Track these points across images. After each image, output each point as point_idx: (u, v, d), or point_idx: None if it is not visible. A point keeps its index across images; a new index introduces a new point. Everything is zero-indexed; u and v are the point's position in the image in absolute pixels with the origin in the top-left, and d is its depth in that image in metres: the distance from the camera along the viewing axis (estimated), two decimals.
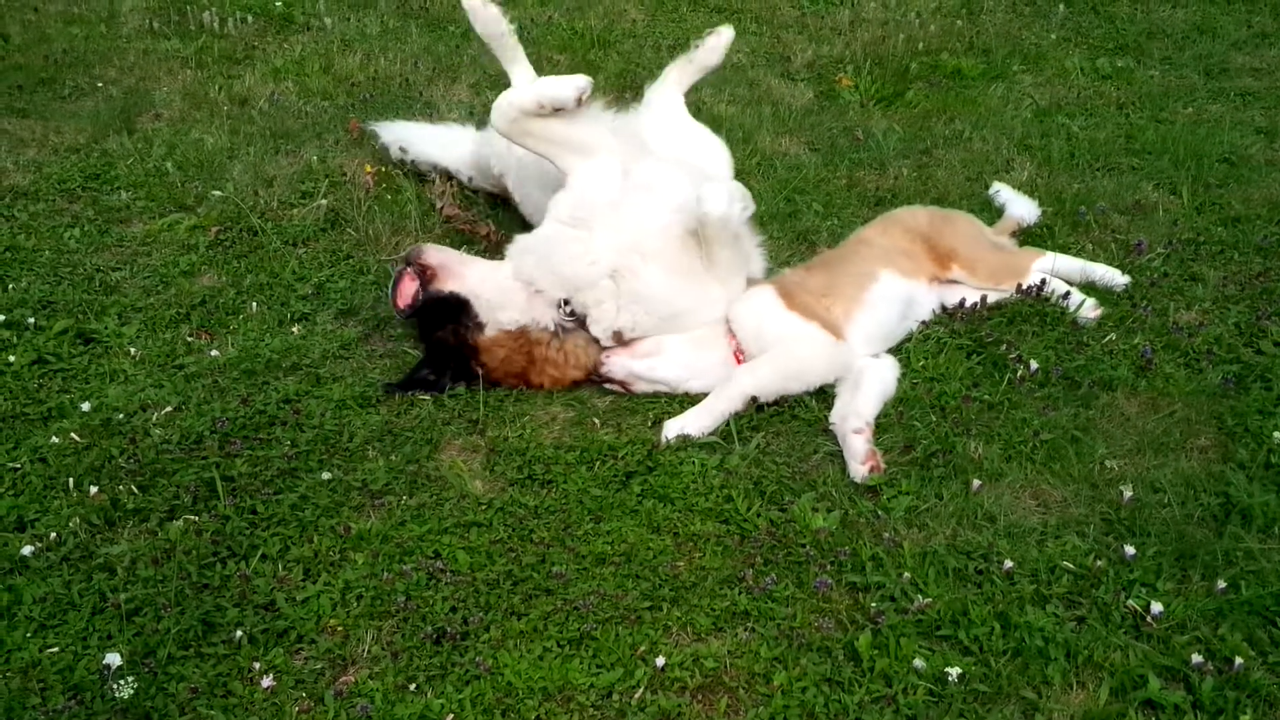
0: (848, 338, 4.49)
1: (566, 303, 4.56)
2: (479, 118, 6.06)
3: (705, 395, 4.35)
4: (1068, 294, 4.84)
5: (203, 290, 5.30)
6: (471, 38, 8.57)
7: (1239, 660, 3.11)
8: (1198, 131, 6.78)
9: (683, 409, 4.31)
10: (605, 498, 3.92)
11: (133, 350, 4.79)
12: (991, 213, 5.58)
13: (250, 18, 8.97)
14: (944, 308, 4.89)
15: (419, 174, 6.32)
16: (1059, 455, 4.02)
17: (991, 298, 4.89)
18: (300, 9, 9.22)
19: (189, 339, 4.92)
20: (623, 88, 7.59)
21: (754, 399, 4.35)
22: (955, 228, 5.04)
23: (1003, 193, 5.73)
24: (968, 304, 4.81)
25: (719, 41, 5.64)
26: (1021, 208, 5.53)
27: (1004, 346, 4.59)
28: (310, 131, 7.00)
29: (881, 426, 4.23)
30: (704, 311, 4.55)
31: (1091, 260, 5.15)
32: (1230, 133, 6.73)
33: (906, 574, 3.48)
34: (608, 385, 4.55)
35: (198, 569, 3.55)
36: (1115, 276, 5.00)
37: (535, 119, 4.71)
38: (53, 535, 3.70)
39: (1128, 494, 3.78)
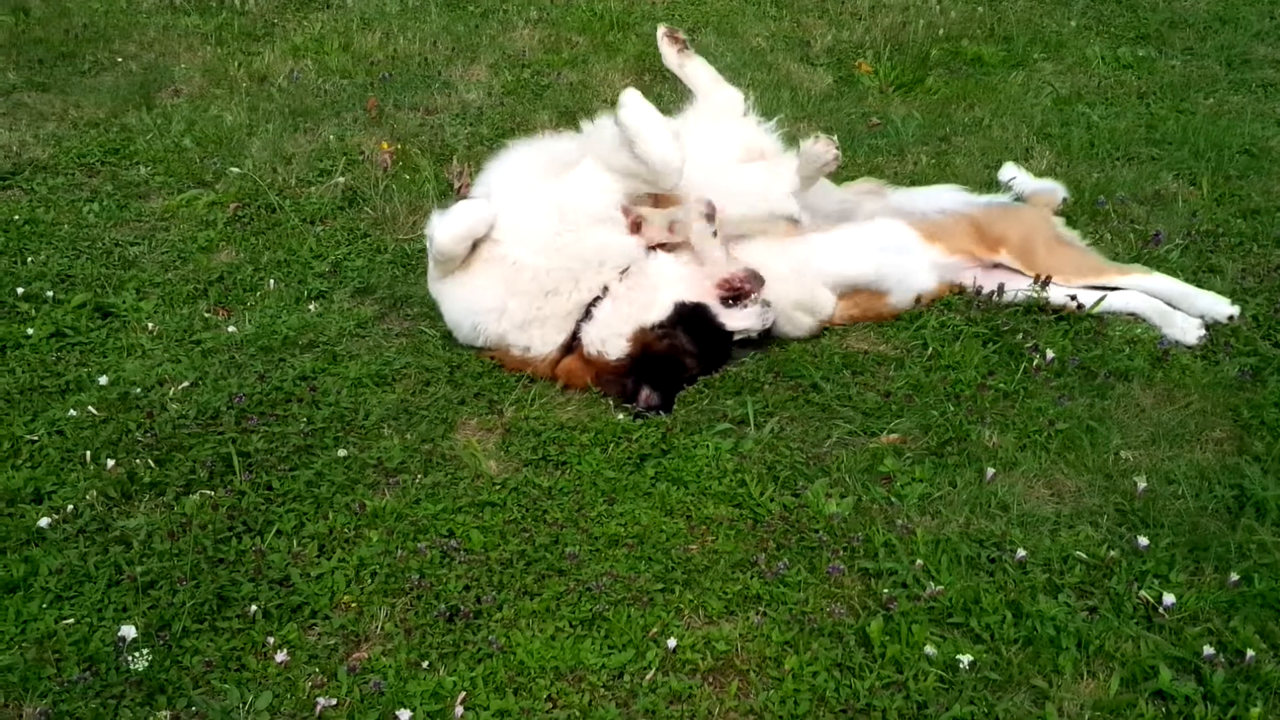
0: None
1: None
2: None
3: None
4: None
5: (221, 266, 5.32)
6: (490, 18, 8.60)
7: (1251, 653, 3.12)
8: (1219, 122, 6.74)
9: None
10: (619, 480, 3.93)
11: (150, 325, 4.82)
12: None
13: None
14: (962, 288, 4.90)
15: (437, 152, 6.33)
16: (1074, 445, 4.02)
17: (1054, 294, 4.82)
18: None
19: (206, 315, 4.94)
20: (640, 70, 7.57)
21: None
22: (1017, 216, 5.06)
23: (1018, 179, 5.70)
24: (984, 292, 4.80)
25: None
26: (1043, 184, 5.52)
27: (1020, 335, 4.58)
28: (329, 109, 7.01)
29: (895, 412, 4.24)
30: None
31: (1113, 252, 5.15)
32: (1251, 124, 6.69)
33: (919, 561, 3.49)
34: None
35: (213, 543, 3.58)
36: (1221, 307, 4.70)
37: None
38: (69, 508, 3.72)
39: (1142, 485, 3.77)
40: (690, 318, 4.44)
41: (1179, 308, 4.73)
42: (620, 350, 4.41)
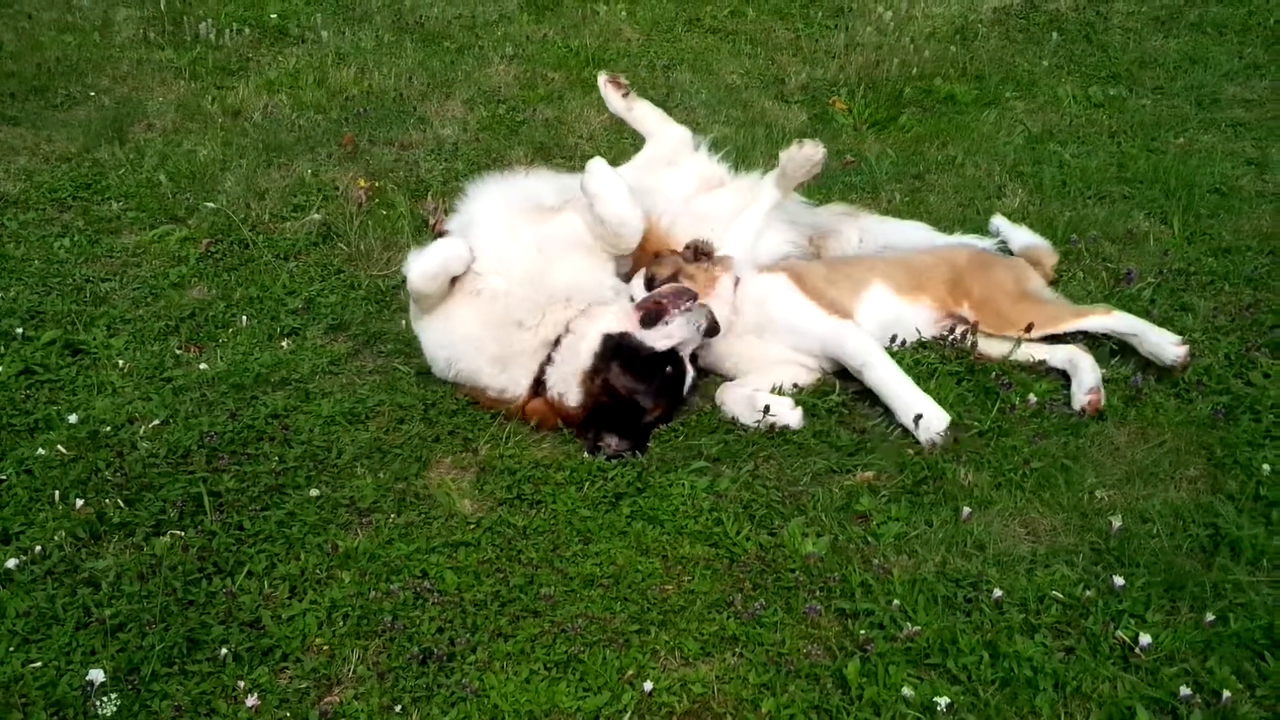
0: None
1: None
2: None
3: None
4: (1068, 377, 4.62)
5: (192, 303, 5.29)
6: (465, 54, 8.61)
7: (1227, 693, 3.11)
8: (1189, 161, 6.80)
9: None
10: (594, 519, 3.90)
11: (121, 362, 4.77)
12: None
13: (246, 29, 8.96)
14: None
15: (412, 188, 6.33)
16: (1049, 484, 4.02)
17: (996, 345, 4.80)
18: (296, 21, 9.22)
19: (178, 352, 4.90)
20: None
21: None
22: (988, 274, 4.98)
23: (1005, 231, 5.65)
24: (957, 331, 4.80)
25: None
26: (1036, 240, 5.50)
27: (994, 374, 4.58)
28: (303, 145, 6.99)
29: (870, 449, 4.24)
30: None
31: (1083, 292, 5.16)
32: (1221, 163, 6.74)
33: (896, 601, 3.47)
34: None
35: (183, 585, 3.53)
36: (1167, 349, 4.54)
37: None
38: (38, 548, 3.67)
39: (1117, 524, 3.77)
40: (616, 348, 4.37)
41: (1136, 346, 4.66)
42: (576, 399, 4.40)
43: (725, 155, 5.58)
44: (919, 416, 4.25)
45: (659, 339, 4.38)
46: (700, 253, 4.76)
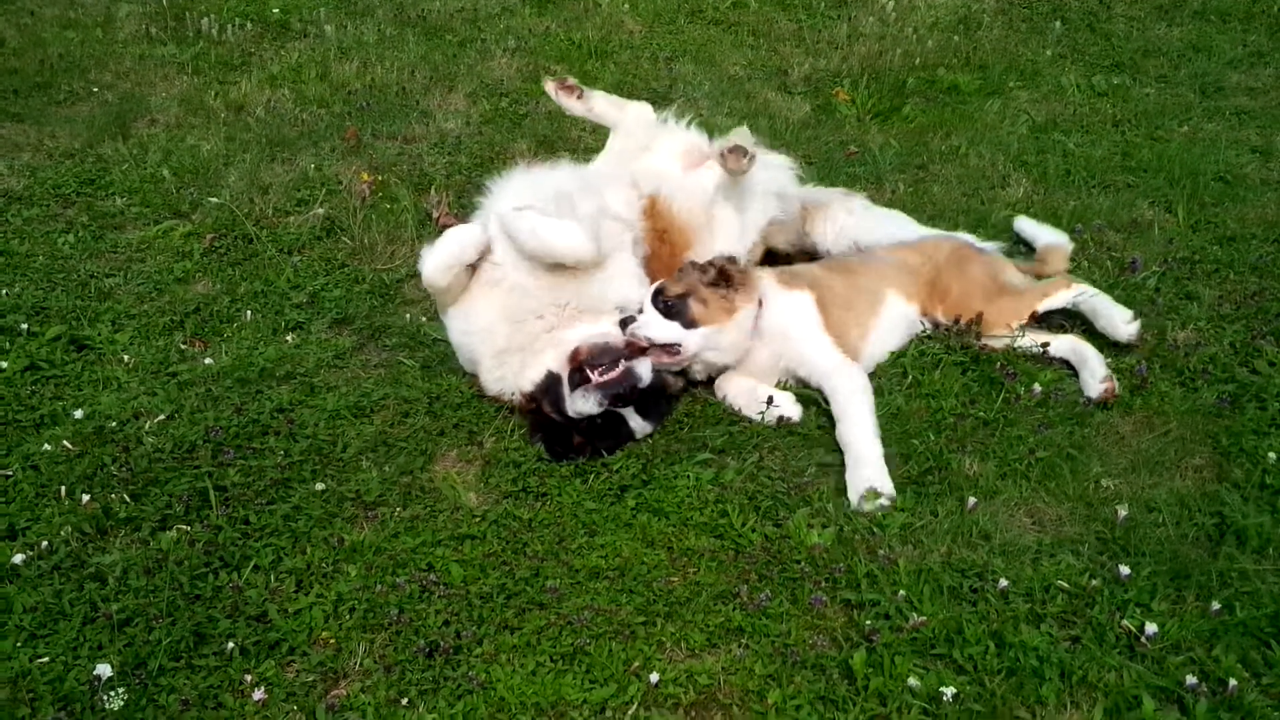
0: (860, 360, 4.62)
1: None
2: None
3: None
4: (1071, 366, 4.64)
5: (197, 298, 5.29)
6: (467, 47, 8.60)
7: (1233, 682, 3.11)
8: (1193, 150, 6.79)
9: None
10: (600, 511, 3.91)
11: (126, 357, 4.78)
12: (987, 231, 5.60)
13: (248, 24, 8.96)
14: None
15: (415, 182, 6.33)
16: (1054, 473, 4.02)
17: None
18: (298, 16, 9.21)
19: (183, 346, 4.91)
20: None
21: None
22: (965, 272, 4.93)
23: (1027, 230, 5.61)
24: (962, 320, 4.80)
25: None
26: (1056, 237, 5.45)
27: (998, 365, 4.57)
28: (307, 139, 6.99)
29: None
30: None
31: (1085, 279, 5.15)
32: (1225, 151, 6.73)
33: (901, 591, 3.47)
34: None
35: (189, 579, 3.54)
36: (1119, 327, 4.62)
37: None
38: (44, 544, 3.68)
39: (1123, 513, 3.77)
40: (547, 389, 4.34)
41: (1093, 320, 4.72)
42: (521, 408, 4.42)
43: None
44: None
45: (570, 401, 4.25)
46: (724, 275, 4.51)
